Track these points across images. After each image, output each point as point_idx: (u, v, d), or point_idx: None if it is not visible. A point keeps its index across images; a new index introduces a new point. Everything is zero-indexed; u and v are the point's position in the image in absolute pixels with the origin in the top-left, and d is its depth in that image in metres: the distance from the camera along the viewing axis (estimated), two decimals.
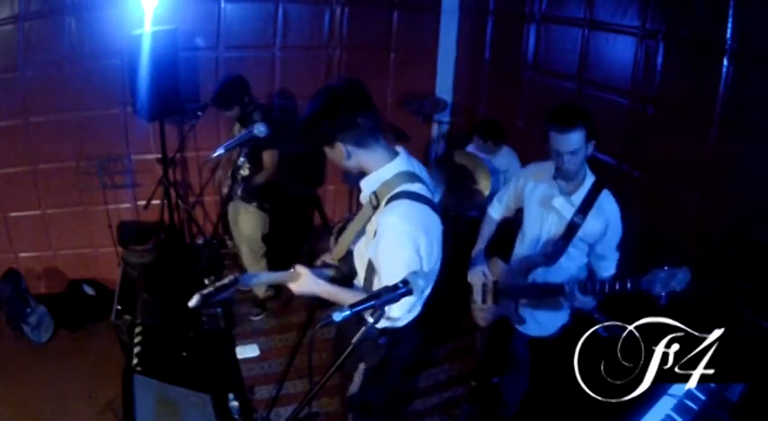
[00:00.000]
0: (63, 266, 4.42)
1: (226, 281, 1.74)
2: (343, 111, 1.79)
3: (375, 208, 1.86)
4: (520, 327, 2.59)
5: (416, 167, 1.94)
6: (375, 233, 1.84)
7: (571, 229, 2.30)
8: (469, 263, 2.71)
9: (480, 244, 2.72)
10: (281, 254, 4.21)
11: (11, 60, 3.78)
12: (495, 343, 2.89)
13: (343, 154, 1.83)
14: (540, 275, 2.46)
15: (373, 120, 1.83)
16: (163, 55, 3.63)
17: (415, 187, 1.83)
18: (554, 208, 2.36)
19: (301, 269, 1.91)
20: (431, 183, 1.97)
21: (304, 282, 1.89)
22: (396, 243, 1.76)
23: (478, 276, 2.65)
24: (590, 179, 2.33)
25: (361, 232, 1.98)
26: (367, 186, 1.92)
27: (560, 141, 2.17)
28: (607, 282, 2.15)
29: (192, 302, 1.70)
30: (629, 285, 2.05)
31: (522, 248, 2.58)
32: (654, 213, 3.25)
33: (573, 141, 2.16)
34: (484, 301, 2.66)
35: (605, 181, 2.35)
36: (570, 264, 2.41)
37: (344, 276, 2.12)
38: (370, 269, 1.95)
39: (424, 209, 1.82)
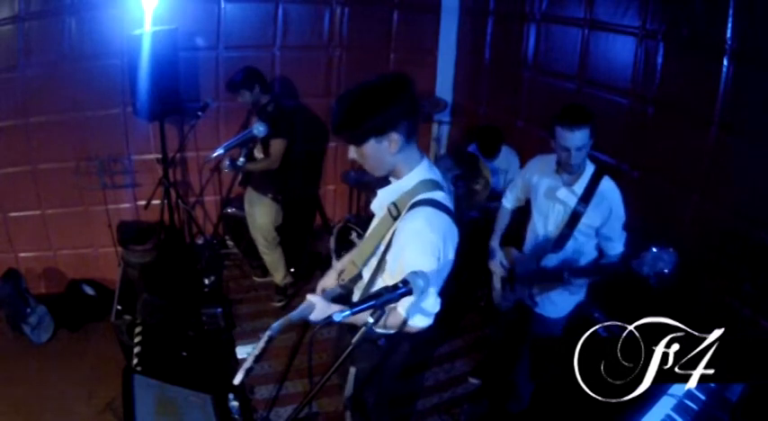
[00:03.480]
0: (63, 266, 4.42)
1: (262, 344, 1.81)
2: (412, 95, 1.70)
3: (395, 218, 1.82)
4: (537, 310, 2.70)
5: (437, 175, 1.89)
6: (392, 240, 1.82)
7: (575, 217, 2.45)
8: (489, 252, 2.89)
9: (497, 234, 2.89)
10: (285, 254, 4.23)
11: (11, 60, 3.78)
12: (514, 327, 3.02)
13: (397, 146, 1.72)
14: (550, 261, 2.59)
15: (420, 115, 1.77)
16: (163, 55, 3.63)
17: (438, 196, 1.80)
18: (558, 199, 2.51)
19: (313, 298, 1.88)
20: (449, 192, 1.93)
21: (319, 310, 1.86)
22: (421, 249, 1.73)
23: (497, 265, 2.83)
24: (590, 169, 2.46)
25: (375, 252, 1.93)
26: (386, 196, 1.89)
27: (568, 138, 2.29)
28: (600, 264, 2.29)
29: (238, 379, 1.75)
30: (618, 266, 2.18)
31: (532, 237, 2.72)
32: (654, 213, 3.25)
33: (579, 138, 2.29)
34: (503, 289, 2.85)
35: (605, 169, 2.47)
36: (578, 248, 2.53)
37: (351, 292, 2.10)
38: (377, 271, 1.94)
39: (446, 218, 1.78)
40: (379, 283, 1.95)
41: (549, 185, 2.55)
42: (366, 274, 2.01)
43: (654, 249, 1.99)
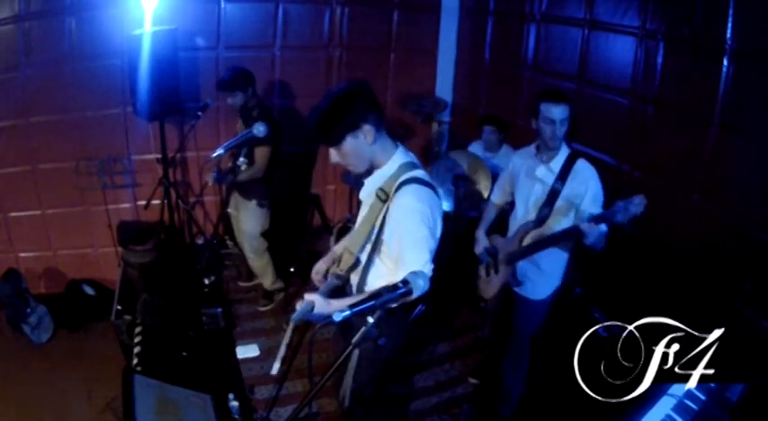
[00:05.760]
0: (63, 266, 4.42)
1: (289, 333, 2.05)
2: (370, 93, 1.96)
3: (384, 201, 1.99)
4: (518, 290, 2.80)
5: (412, 157, 2.09)
6: (384, 220, 1.98)
7: (553, 194, 2.60)
8: (474, 240, 2.96)
9: (483, 224, 3.00)
10: (281, 254, 4.22)
11: (11, 60, 3.78)
12: (499, 323, 3.09)
13: (372, 136, 1.93)
14: (532, 240, 2.67)
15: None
16: (163, 55, 3.63)
17: (418, 174, 2.00)
18: (537, 178, 2.67)
19: (310, 296, 1.98)
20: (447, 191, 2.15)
21: (318, 307, 1.95)
22: (413, 221, 1.92)
23: (481, 250, 2.91)
24: (565, 150, 2.63)
25: (369, 236, 2.07)
26: (372, 183, 2.06)
27: (554, 110, 2.52)
28: (587, 219, 2.37)
29: (275, 370, 2.01)
30: (600, 218, 2.29)
31: (514, 219, 2.84)
32: (654, 213, 3.24)
33: (562, 111, 2.53)
34: (487, 274, 2.90)
35: (579, 153, 2.63)
36: (557, 228, 2.61)
37: (347, 280, 2.21)
38: (373, 254, 2.08)
39: (429, 191, 1.98)
40: (377, 264, 2.10)
41: (528, 166, 2.73)
42: (363, 259, 2.13)
43: (624, 199, 2.16)
